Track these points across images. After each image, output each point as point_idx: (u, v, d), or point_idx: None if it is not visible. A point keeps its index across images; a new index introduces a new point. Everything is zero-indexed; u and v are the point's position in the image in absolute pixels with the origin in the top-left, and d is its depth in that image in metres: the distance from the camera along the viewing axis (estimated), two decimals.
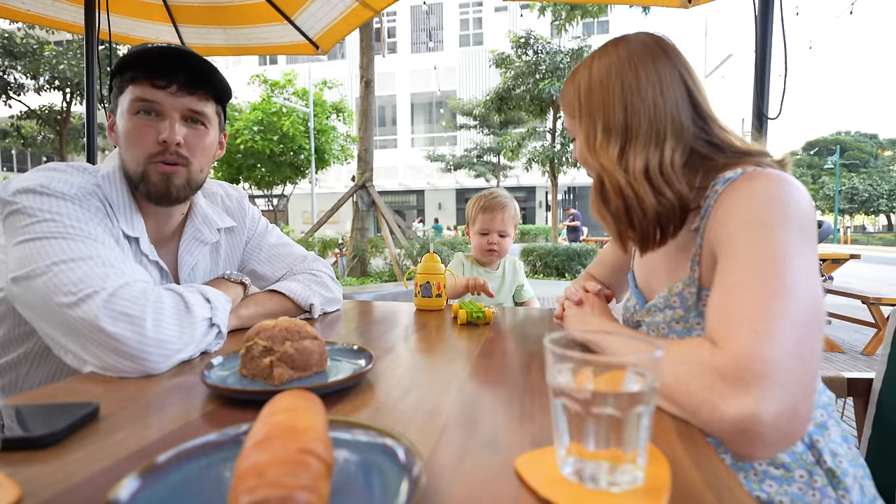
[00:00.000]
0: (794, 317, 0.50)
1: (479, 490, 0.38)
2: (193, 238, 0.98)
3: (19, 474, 0.41)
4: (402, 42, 26.32)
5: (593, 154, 0.72)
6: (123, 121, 0.84)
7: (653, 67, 0.70)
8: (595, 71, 0.74)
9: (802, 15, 28.27)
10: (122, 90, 0.85)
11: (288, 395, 0.41)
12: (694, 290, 0.70)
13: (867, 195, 34.01)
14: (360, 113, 7.59)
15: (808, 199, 0.60)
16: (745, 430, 0.47)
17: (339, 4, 2.38)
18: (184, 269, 0.97)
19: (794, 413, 0.47)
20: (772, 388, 0.46)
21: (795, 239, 0.56)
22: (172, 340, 0.71)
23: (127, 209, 0.87)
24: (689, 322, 0.72)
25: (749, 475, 0.65)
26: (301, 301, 1.06)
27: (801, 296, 0.52)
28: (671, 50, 0.72)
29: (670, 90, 0.70)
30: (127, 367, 0.68)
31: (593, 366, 0.39)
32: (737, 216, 0.61)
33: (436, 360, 0.78)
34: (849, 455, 0.67)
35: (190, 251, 0.98)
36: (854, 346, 4.07)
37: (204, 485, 0.37)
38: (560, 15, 11.33)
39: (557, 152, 11.64)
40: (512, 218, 1.70)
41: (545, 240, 19.28)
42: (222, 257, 1.07)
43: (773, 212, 0.58)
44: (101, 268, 0.72)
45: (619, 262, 1.06)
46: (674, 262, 0.76)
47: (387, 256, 7.53)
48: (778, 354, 0.48)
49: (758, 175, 0.63)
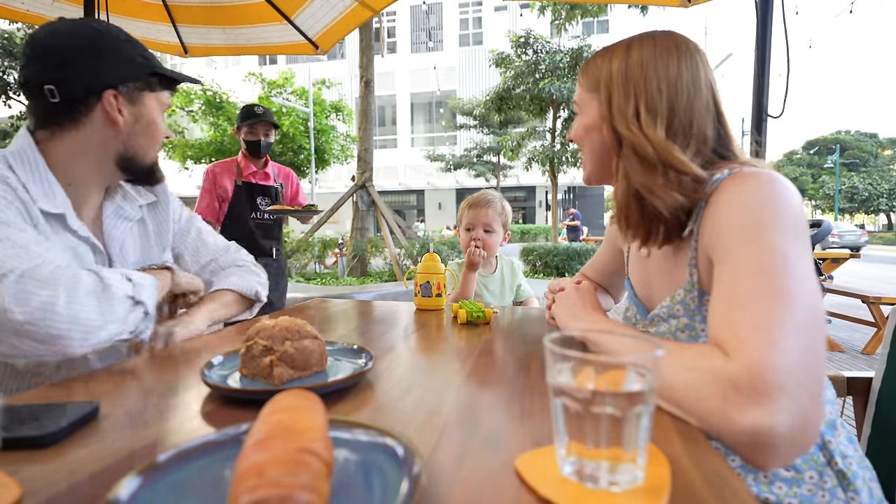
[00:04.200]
0: (798, 322, 0.50)
1: (479, 490, 0.38)
2: (116, 214, 0.98)
3: (20, 474, 0.41)
4: (401, 42, 26.30)
5: (634, 126, 0.69)
6: (151, 116, 0.94)
7: (690, 65, 0.70)
8: (636, 53, 0.72)
9: (802, 14, 28.21)
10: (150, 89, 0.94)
11: (288, 394, 0.41)
12: (695, 295, 0.70)
13: (867, 194, 34.01)
14: (359, 113, 7.59)
15: (798, 196, 0.60)
16: (759, 441, 0.47)
17: (338, 4, 2.38)
18: (113, 245, 0.96)
19: (805, 422, 0.47)
20: (784, 399, 0.47)
21: (790, 240, 0.56)
22: (92, 318, 0.70)
23: (46, 185, 0.85)
24: (696, 329, 0.71)
25: (759, 477, 0.65)
26: (247, 292, 1.11)
27: (803, 301, 0.52)
28: (704, 57, 0.72)
29: (701, 93, 0.70)
30: (45, 351, 0.66)
31: (593, 365, 0.39)
32: (730, 218, 0.61)
33: (436, 359, 0.78)
34: (857, 457, 0.67)
35: (116, 226, 0.97)
36: (854, 346, 4.07)
37: (204, 485, 0.37)
38: (560, 14, 11.32)
39: (557, 152, 11.63)
40: (498, 215, 1.65)
41: (545, 239, 19.29)
42: (152, 235, 1.06)
43: (766, 212, 0.58)
44: (11, 249, 0.70)
45: (612, 264, 1.06)
46: (670, 268, 0.75)
47: (387, 256, 7.52)
48: (786, 363, 0.48)
49: (746, 175, 0.63)
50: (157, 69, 0.94)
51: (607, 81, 0.73)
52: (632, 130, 0.69)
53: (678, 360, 0.55)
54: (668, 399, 0.55)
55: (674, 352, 0.57)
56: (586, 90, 0.78)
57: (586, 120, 0.78)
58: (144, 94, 0.93)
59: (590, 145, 0.79)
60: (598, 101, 0.75)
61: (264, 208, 2.56)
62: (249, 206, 2.52)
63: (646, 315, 0.82)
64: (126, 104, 0.91)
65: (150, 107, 0.95)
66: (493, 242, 1.65)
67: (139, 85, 0.92)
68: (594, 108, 0.76)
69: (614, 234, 1.02)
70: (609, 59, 0.75)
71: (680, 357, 0.56)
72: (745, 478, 0.65)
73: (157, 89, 0.96)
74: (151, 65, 0.94)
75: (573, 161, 11.66)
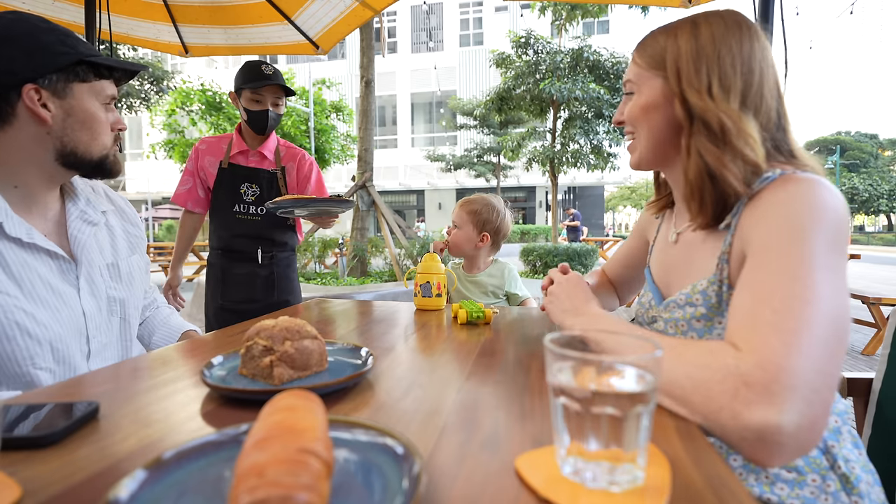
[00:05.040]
0: (822, 331, 0.51)
1: (479, 490, 0.38)
2: (80, 219, 0.95)
3: (19, 474, 0.41)
4: (402, 42, 26.31)
5: (708, 99, 0.68)
6: (86, 109, 0.87)
7: (760, 44, 0.70)
8: (706, 29, 0.70)
9: (802, 15, 28.29)
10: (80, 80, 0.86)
11: (288, 394, 0.40)
12: (718, 288, 0.69)
13: (867, 195, 33.98)
14: (360, 113, 7.58)
15: (845, 205, 0.60)
16: (765, 439, 0.47)
17: (339, 4, 2.38)
18: (78, 247, 0.92)
19: (812, 426, 0.47)
20: (797, 401, 0.47)
21: (828, 249, 0.55)
22: None
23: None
24: (711, 321, 0.71)
25: (760, 477, 0.65)
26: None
27: (831, 312, 0.52)
28: (767, 38, 0.72)
29: (770, 71, 0.70)
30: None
31: (593, 365, 0.39)
32: (772, 219, 0.60)
33: (436, 359, 0.78)
34: (860, 461, 0.67)
35: (81, 229, 0.94)
36: (854, 346, 4.07)
37: (204, 485, 0.37)
38: (560, 15, 11.33)
39: (557, 152, 11.63)
40: (469, 214, 1.70)
41: (545, 240, 19.29)
42: (118, 236, 1.05)
43: (810, 218, 0.57)
44: None
45: (637, 256, 1.04)
46: (696, 259, 0.74)
47: (387, 256, 7.51)
48: (806, 367, 0.48)
49: (796, 178, 0.62)
50: (85, 57, 0.85)
51: (675, 57, 0.71)
52: (705, 102, 0.68)
53: (684, 357, 0.55)
54: (672, 396, 0.55)
55: (679, 348, 0.57)
56: (646, 68, 0.75)
57: (645, 99, 0.75)
58: (73, 85, 0.85)
59: (648, 126, 0.76)
60: (664, 77, 0.73)
61: (248, 199, 1.83)
62: (231, 198, 1.84)
63: (661, 301, 0.81)
64: (52, 98, 0.84)
65: (82, 99, 0.86)
66: (459, 239, 1.72)
67: (64, 76, 0.84)
68: (656, 87, 0.74)
69: (644, 224, 1.00)
70: (674, 35, 0.73)
71: (686, 354, 0.55)
72: (746, 478, 0.65)
73: (91, 79, 0.87)
74: (77, 52, 0.85)
75: (573, 161, 11.65)
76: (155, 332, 1.16)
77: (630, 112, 0.77)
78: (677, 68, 0.71)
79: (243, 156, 1.86)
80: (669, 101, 0.73)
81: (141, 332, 1.15)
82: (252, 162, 1.87)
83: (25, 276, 0.82)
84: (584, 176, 21.27)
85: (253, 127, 1.81)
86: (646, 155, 0.78)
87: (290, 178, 1.90)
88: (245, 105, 1.79)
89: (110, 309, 0.95)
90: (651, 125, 0.75)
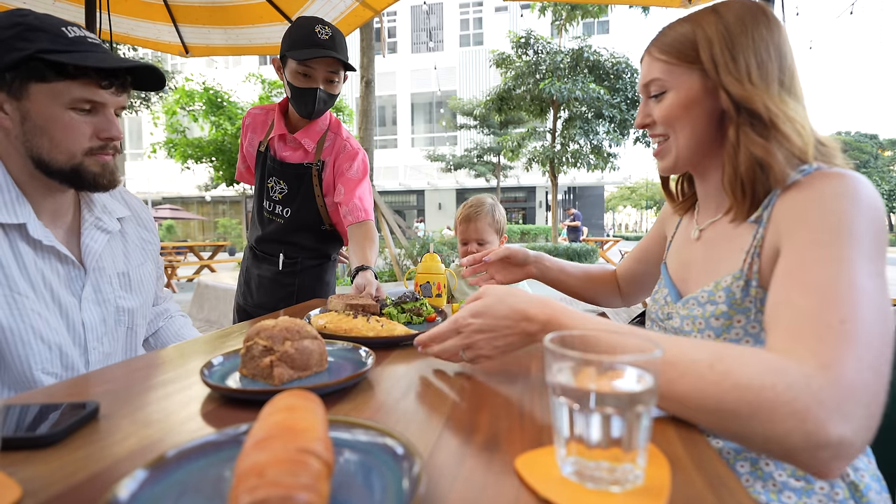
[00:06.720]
0: (881, 340, 0.49)
1: (479, 490, 0.38)
2: (94, 226, 0.93)
3: (19, 474, 0.41)
4: (402, 42, 26.31)
5: (748, 84, 0.66)
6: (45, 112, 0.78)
7: (782, 30, 0.69)
8: (730, 15, 0.68)
9: (802, 15, 28.19)
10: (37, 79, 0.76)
11: (288, 394, 0.41)
12: (743, 284, 0.66)
13: None
14: (360, 113, 7.58)
15: (881, 200, 0.58)
16: (840, 455, 0.45)
17: (339, 4, 2.38)
18: (89, 256, 0.91)
19: (871, 433, 0.47)
20: (866, 417, 0.46)
21: (874, 251, 0.54)
22: None
23: (6, 195, 0.79)
24: (731, 319, 0.68)
25: (767, 485, 0.64)
26: None
27: (885, 318, 0.50)
28: None
29: (791, 56, 0.69)
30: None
31: (593, 365, 0.39)
32: (815, 215, 0.58)
33: (436, 359, 0.78)
34: (870, 469, 0.66)
35: (94, 237, 0.93)
36: None
37: (204, 485, 0.37)
38: (560, 15, 11.35)
39: (557, 152, 11.64)
40: (490, 225, 1.62)
41: (545, 240, 19.30)
42: (132, 244, 1.03)
43: (857, 217, 0.56)
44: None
45: (654, 253, 1.01)
46: (720, 255, 0.72)
47: (387, 256, 7.51)
48: (873, 382, 0.47)
49: (833, 174, 0.60)
50: (42, 53, 0.74)
51: (707, 46, 0.68)
52: (746, 90, 0.65)
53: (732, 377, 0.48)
54: (725, 429, 0.49)
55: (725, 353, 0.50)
56: (677, 63, 0.71)
57: (685, 95, 0.71)
58: (30, 85, 0.76)
59: (691, 123, 0.72)
60: (700, 70, 0.70)
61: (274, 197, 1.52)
62: (260, 191, 1.56)
63: (678, 298, 0.79)
64: (8, 99, 0.77)
65: (40, 101, 0.77)
66: None
67: (19, 74, 0.75)
68: (694, 80, 0.71)
69: (664, 219, 0.98)
70: (698, 24, 0.70)
71: (735, 373, 0.48)
72: (753, 484, 0.64)
73: (52, 78, 0.76)
74: (34, 48, 0.74)
75: (573, 161, 11.66)
76: (168, 345, 1.14)
77: (667, 112, 0.73)
78: (712, 58, 0.68)
79: (281, 141, 1.50)
80: (709, 93, 0.70)
81: (153, 343, 1.14)
82: (287, 150, 1.50)
83: (38, 280, 0.82)
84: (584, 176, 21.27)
85: (297, 107, 1.40)
86: (685, 154, 0.74)
87: (325, 176, 1.49)
88: (289, 78, 1.36)
89: (118, 318, 0.94)
90: (694, 122, 0.72)
